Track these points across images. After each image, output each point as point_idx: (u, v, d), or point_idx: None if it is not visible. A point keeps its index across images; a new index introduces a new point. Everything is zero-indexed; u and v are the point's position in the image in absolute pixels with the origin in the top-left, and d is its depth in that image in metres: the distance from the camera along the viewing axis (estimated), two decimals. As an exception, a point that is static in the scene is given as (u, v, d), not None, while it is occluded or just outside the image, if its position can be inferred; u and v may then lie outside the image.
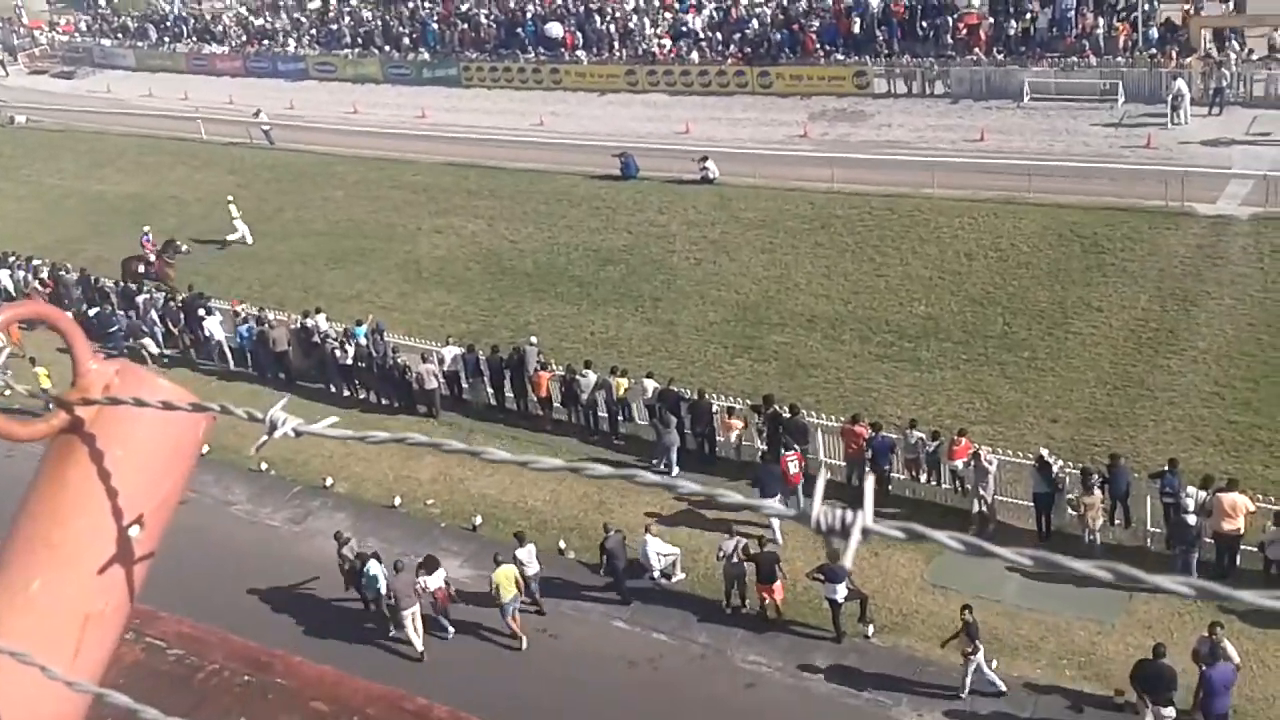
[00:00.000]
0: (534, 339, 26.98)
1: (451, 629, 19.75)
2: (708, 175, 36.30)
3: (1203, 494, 18.06)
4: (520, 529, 20.74)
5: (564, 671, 18.70)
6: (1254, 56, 35.47)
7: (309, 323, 29.46)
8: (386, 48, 55.76)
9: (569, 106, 46.95)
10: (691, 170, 36.60)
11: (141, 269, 33.74)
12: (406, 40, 55.46)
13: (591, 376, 24.82)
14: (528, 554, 19.69)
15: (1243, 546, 18.23)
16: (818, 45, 43.42)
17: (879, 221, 31.85)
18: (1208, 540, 18.24)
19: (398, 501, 23.80)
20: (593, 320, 29.98)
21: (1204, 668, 15.14)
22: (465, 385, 27.15)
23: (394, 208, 39.57)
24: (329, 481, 24.73)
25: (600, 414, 25.07)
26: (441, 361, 26.95)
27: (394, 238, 37.25)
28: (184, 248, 34.50)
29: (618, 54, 48.78)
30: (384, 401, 27.66)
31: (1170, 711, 15.20)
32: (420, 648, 19.20)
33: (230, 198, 38.46)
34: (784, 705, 17.54)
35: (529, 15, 52.85)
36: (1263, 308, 24.89)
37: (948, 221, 30.96)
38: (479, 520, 22.63)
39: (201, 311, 30.63)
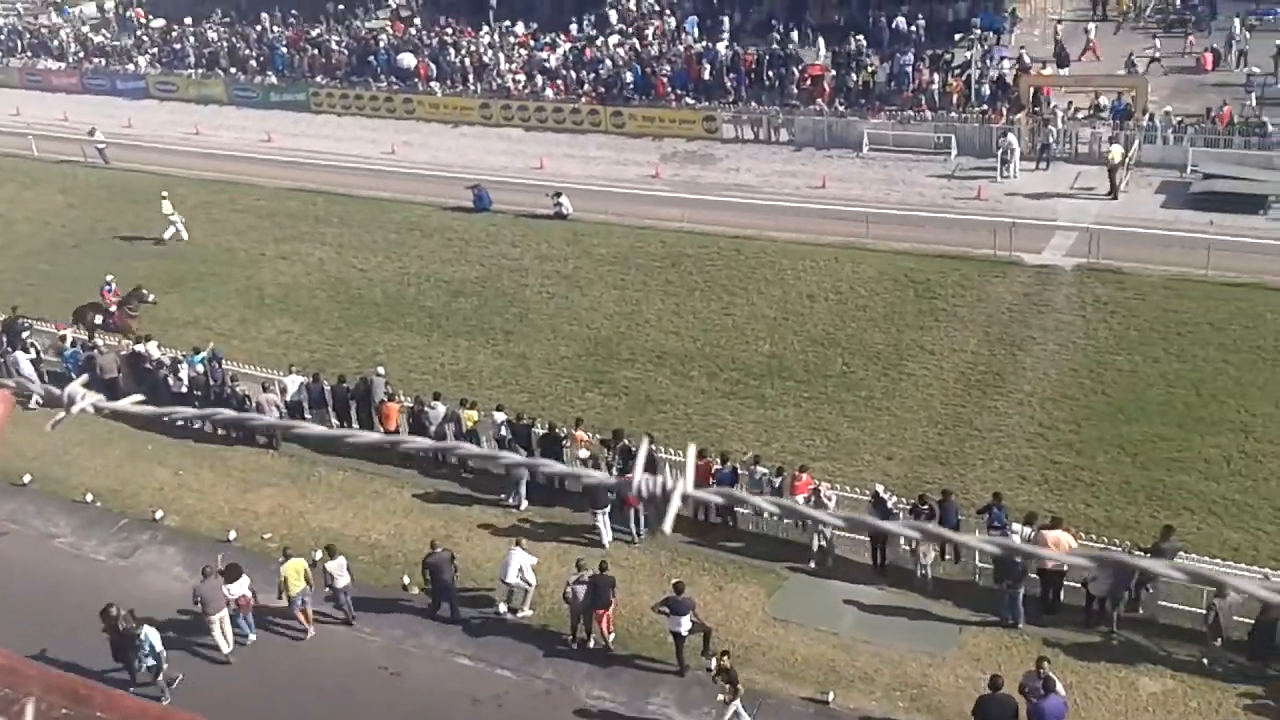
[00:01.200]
0: (381, 369, 26.57)
1: (252, 635, 20.01)
2: (561, 210, 36.52)
3: (1027, 530, 18.96)
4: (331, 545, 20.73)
5: (408, 708, 18.36)
6: (1079, 115, 37.74)
7: (140, 349, 28.34)
8: (233, 69, 54.36)
9: (421, 137, 46.57)
10: (545, 205, 36.76)
11: (98, 320, 30.37)
12: (254, 63, 54.19)
13: (440, 408, 24.57)
14: (338, 566, 20.06)
15: (1065, 582, 19.19)
16: (669, 89, 44.28)
17: (727, 262, 32.59)
18: (1033, 576, 19.12)
19: (233, 535, 22.99)
20: (443, 352, 29.71)
21: (1035, 701, 15.82)
22: (308, 416, 26.48)
23: (236, 232, 38.48)
24: (159, 514, 23.75)
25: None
26: (284, 391, 26.26)
27: (235, 263, 36.21)
28: (150, 297, 31.32)
29: (472, 87, 48.71)
30: (220, 432, 26.73)
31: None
32: (227, 649, 19.49)
33: (164, 193, 38.07)
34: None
35: (381, 44, 52.34)
36: (1084, 354, 26.39)
37: (791, 264, 31.89)
38: (319, 555, 22.03)
39: (19, 352, 28.76)
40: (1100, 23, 45.13)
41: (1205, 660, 17.73)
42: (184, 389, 26.86)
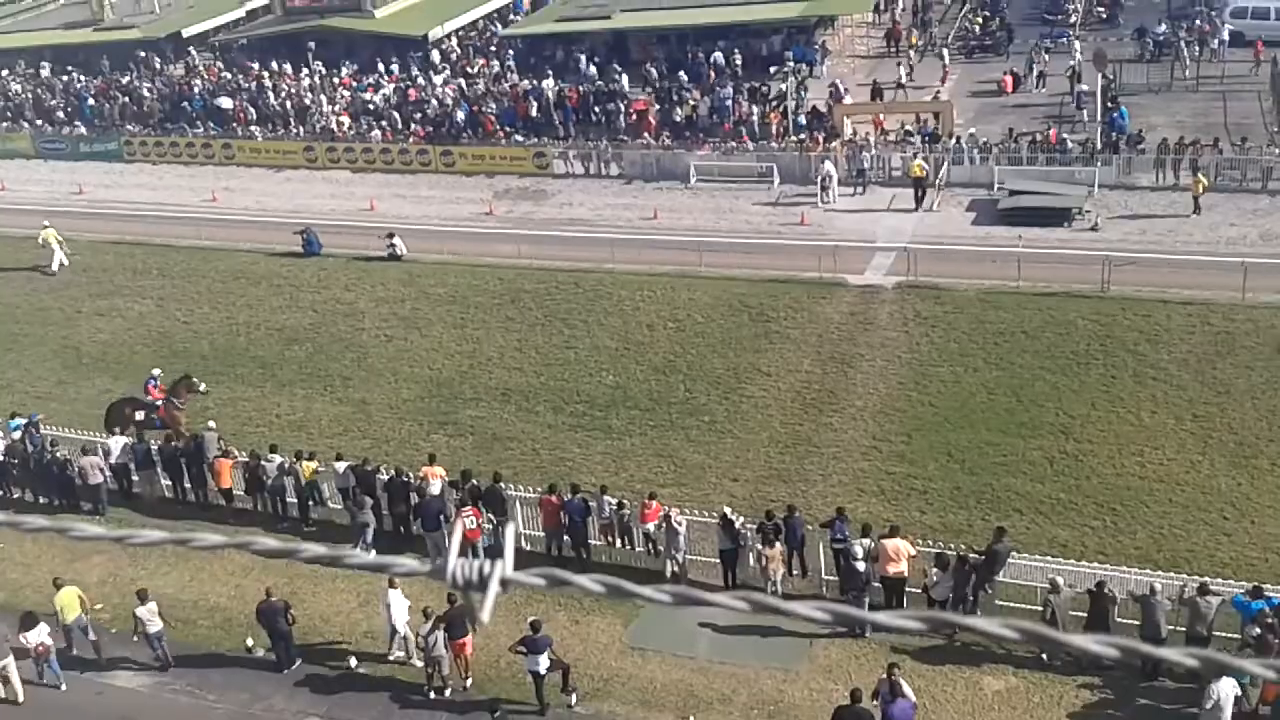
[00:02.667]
0: (212, 424, 25.67)
1: (62, 685, 19.88)
2: (395, 251, 36.07)
3: (868, 541, 19.60)
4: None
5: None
6: (891, 139, 39.47)
7: (-49, 418, 26.66)
8: (39, 121, 51.89)
9: (243, 182, 45.32)
10: (378, 247, 36.25)
11: (140, 415, 26.64)
12: (61, 114, 51.87)
13: (277, 460, 23.88)
14: (148, 611, 19.95)
15: (907, 589, 19.88)
16: (497, 127, 44.37)
17: (566, 295, 32.75)
18: (876, 585, 19.76)
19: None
20: (278, 402, 28.90)
21: (884, 706, 16.31)
22: (136, 477, 25.37)
23: (49, 290, 36.65)
24: (-21, 592, 22.31)
25: (289, 499, 24.11)
26: (107, 453, 25.10)
27: (49, 322, 34.47)
28: (201, 386, 27.40)
29: (294, 130, 47.73)
30: (42, 500, 25.35)
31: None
32: (19, 695, 19.60)
33: (45, 223, 37.22)
34: None
35: (196, 90, 50.84)
36: (910, 367, 27.50)
37: (629, 295, 32.28)
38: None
39: None
40: (892, 58, 47.32)
41: (1044, 656, 18.60)
42: (0, 457, 25.38)
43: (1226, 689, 16.27)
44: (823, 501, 22.63)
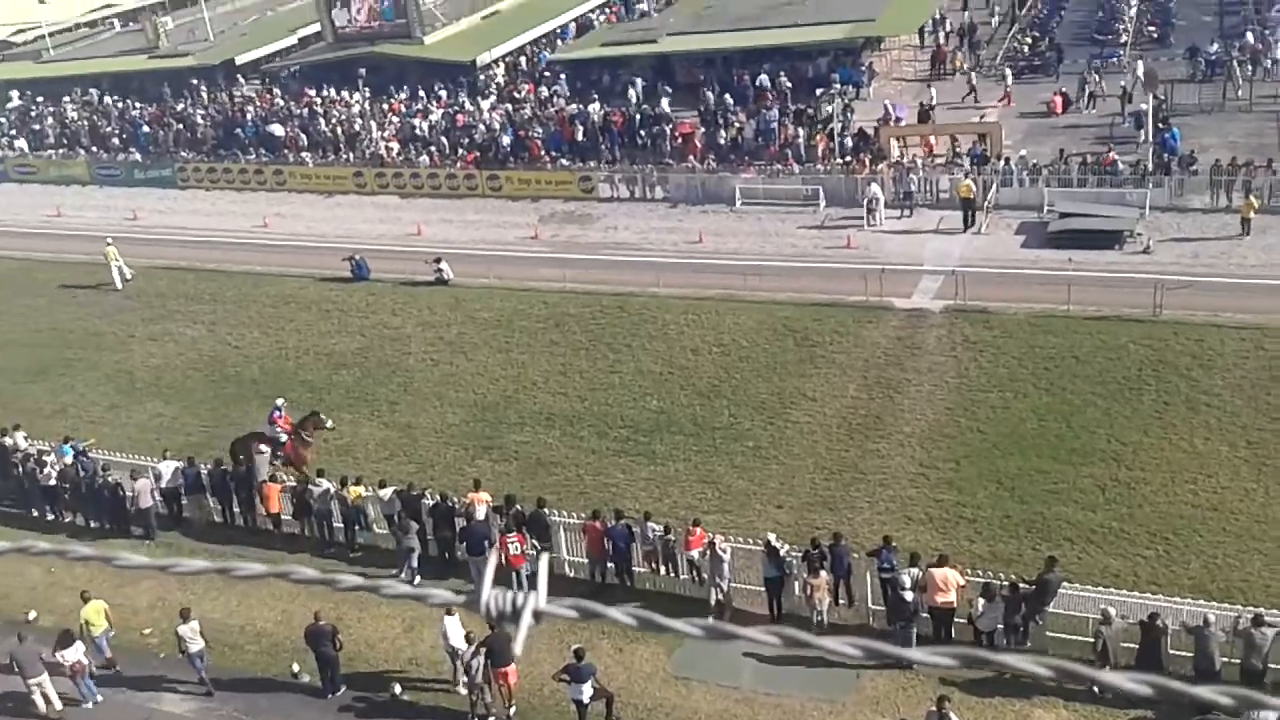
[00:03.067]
0: (264, 448, 25.90)
1: (98, 697, 20.36)
2: (442, 276, 36.35)
3: (916, 571, 19.34)
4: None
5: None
6: (938, 162, 39.19)
7: (7, 441, 27.16)
8: (94, 148, 52.98)
9: (294, 208, 45.97)
10: (425, 272, 36.56)
11: (265, 449, 25.48)
12: (116, 140, 52.93)
13: (324, 484, 24.05)
14: (190, 630, 20.16)
15: (956, 619, 19.59)
16: (543, 151, 44.65)
17: (610, 319, 32.79)
18: (925, 615, 19.49)
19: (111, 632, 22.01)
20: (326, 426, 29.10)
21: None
22: (184, 502, 25.66)
23: (103, 314, 37.32)
24: (32, 615, 22.61)
25: (336, 524, 24.28)
26: (158, 477, 25.42)
27: (103, 347, 35.06)
28: (329, 422, 26.43)
29: (344, 156, 48.36)
30: (93, 524, 25.72)
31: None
32: (43, 709, 20.07)
33: (109, 240, 38.48)
34: None
35: (248, 116, 51.67)
36: (958, 393, 27.19)
37: (674, 319, 32.26)
38: (202, 645, 21.25)
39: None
40: (938, 81, 46.96)
41: (1095, 689, 18.22)
42: (52, 481, 25.78)
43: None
44: (869, 529, 22.38)
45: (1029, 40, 50.17)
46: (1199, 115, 41.35)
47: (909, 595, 19.04)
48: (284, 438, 25.98)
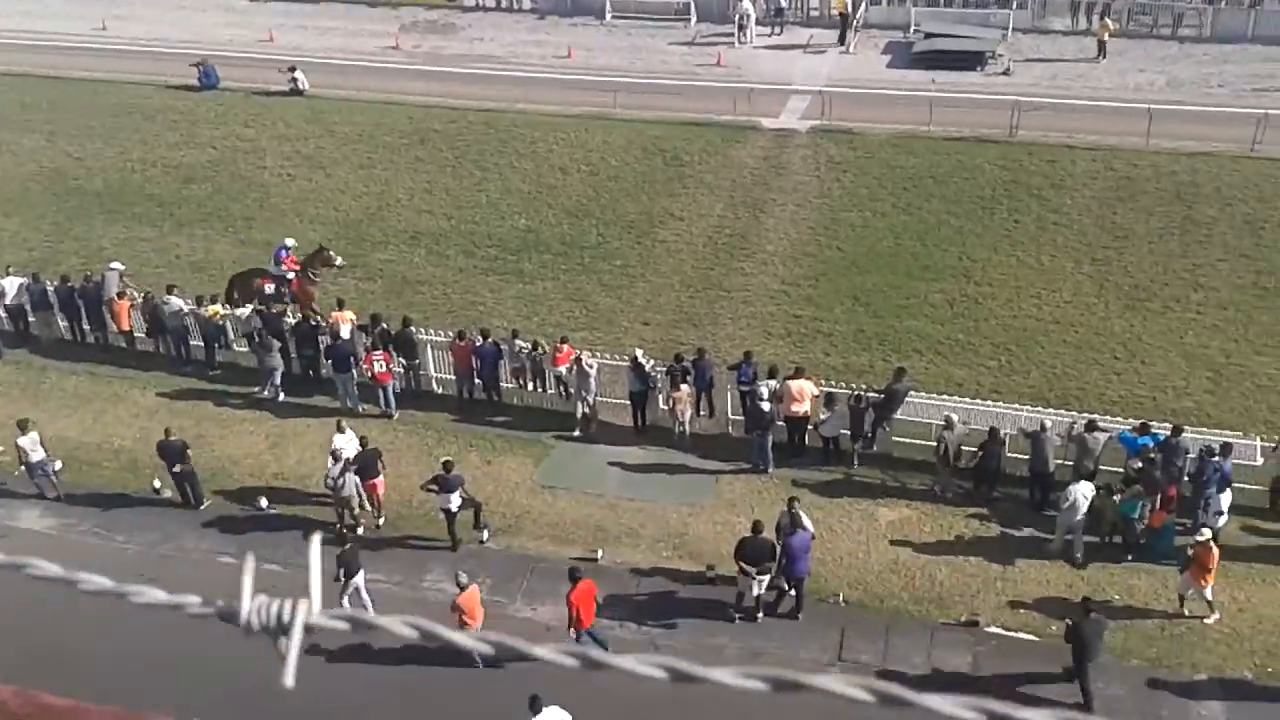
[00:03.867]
0: (116, 264, 24.89)
1: None
2: (297, 86, 34.81)
3: (773, 383, 20.03)
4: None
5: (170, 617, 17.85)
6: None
7: None
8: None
9: (134, 9, 43.03)
10: (279, 81, 34.92)
11: (270, 288, 24.09)
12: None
13: (175, 302, 23.35)
14: (30, 441, 19.71)
15: (810, 427, 20.45)
16: (404, -46, 42.49)
17: (477, 136, 32.05)
18: (781, 423, 20.29)
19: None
20: (178, 243, 28.14)
21: (785, 537, 16.95)
22: (32, 319, 24.69)
23: (-72, 123, 34.79)
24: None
25: (194, 342, 23.73)
26: (2, 294, 24.32)
27: (-69, 158, 32.82)
28: (338, 260, 24.81)
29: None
30: (-65, 343, 24.62)
31: (766, 578, 16.96)
32: None
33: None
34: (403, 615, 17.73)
35: (79, -94, 47.52)
36: (820, 213, 27.67)
37: (542, 136, 31.71)
38: (58, 465, 20.85)
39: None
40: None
41: (936, 489, 19.43)
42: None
43: (1084, 490, 17.50)
44: (731, 344, 22.97)
45: None
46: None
47: (766, 406, 19.74)
48: (290, 276, 24.48)
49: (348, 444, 19.36)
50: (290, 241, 25.39)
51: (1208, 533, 16.44)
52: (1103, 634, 15.55)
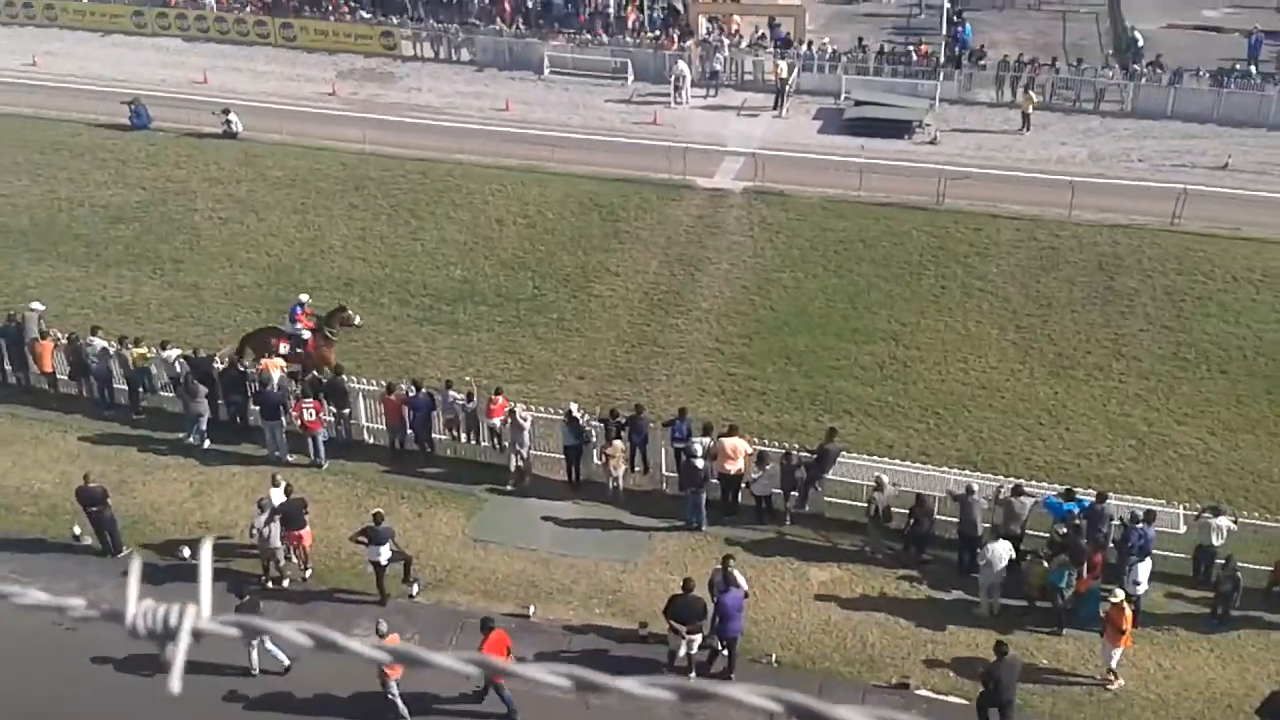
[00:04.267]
0: (37, 304, 24.29)
1: None
2: (231, 129, 34.48)
3: (707, 440, 20.15)
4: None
5: (88, 668, 17.30)
6: (743, 44, 39.49)
7: None
8: None
9: (66, 46, 42.38)
10: (212, 123, 34.57)
11: (284, 349, 22.91)
12: None
13: (98, 343, 22.83)
14: None
15: (742, 485, 20.57)
16: (342, 1, 42.50)
17: (413, 185, 32.00)
18: (714, 481, 20.38)
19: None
20: (104, 284, 27.58)
21: (717, 595, 16.97)
22: (-51, 358, 23.96)
23: None
24: None
25: (118, 386, 23.19)
26: (-82, 333, 23.59)
27: None
28: (357, 319, 24.01)
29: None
30: None
31: (698, 637, 16.93)
32: None
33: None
34: (325, 673, 17.36)
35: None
36: (754, 272, 28.04)
37: (479, 188, 31.76)
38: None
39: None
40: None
41: (868, 549, 19.63)
42: None
43: (1001, 550, 17.90)
44: (666, 401, 23.06)
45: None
46: (991, 11, 43.10)
47: (700, 463, 19.84)
48: (306, 335, 23.42)
49: (280, 498, 19.04)
50: (304, 298, 24.26)
51: (1120, 594, 16.82)
52: (1016, 675, 16.01)
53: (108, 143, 34.50)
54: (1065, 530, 18.25)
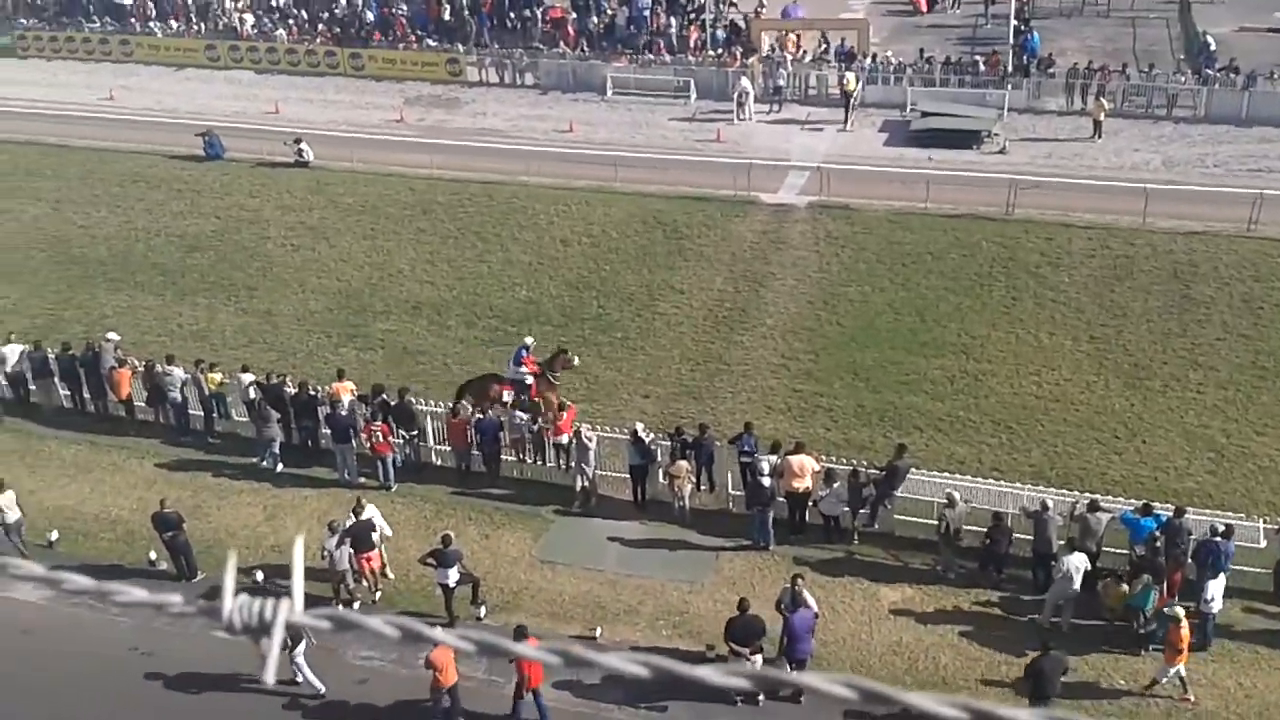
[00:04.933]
0: (112, 334, 24.96)
1: None
2: (302, 157, 35.16)
3: (774, 457, 19.97)
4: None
5: (163, 690, 17.64)
6: (807, 58, 39.34)
7: None
8: (-84, 7, 49.10)
9: (142, 80, 43.62)
10: (284, 152, 35.28)
11: (508, 396, 22.40)
12: (-58, 0, 49.14)
13: (177, 372, 23.36)
14: (6, 501, 19.98)
15: (810, 504, 20.34)
16: (408, 30, 43.19)
17: (479, 208, 32.32)
18: (781, 500, 20.19)
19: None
20: (180, 312, 28.22)
21: (787, 615, 16.78)
22: (33, 387, 24.66)
23: (-66, 190, 35.04)
24: None
25: (193, 411, 23.69)
26: (2, 361, 24.33)
27: (-64, 224, 33.01)
28: (576, 360, 23.55)
29: (195, 27, 45.90)
30: (-67, 409, 24.55)
31: (759, 657, 16.76)
32: None
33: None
34: (400, 696, 17.52)
35: (92, -20, 48.47)
36: (819, 287, 27.82)
37: (544, 209, 31.98)
38: (55, 535, 20.73)
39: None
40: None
41: (940, 568, 19.28)
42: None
43: (1077, 561, 17.50)
44: (731, 418, 22.91)
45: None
46: (1058, 19, 42.41)
47: (766, 481, 19.67)
48: (529, 379, 22.77)
49: (374, 515, 19.30)
50: (529, 340, 23.67)
51: (1180, 611, 16.34)
52: (1061, 672, 15.89)
53: (183, 174, 35.37)
54: (1144, 551, 17.74)
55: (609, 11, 42.55)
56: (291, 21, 44.74)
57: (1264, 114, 34.14)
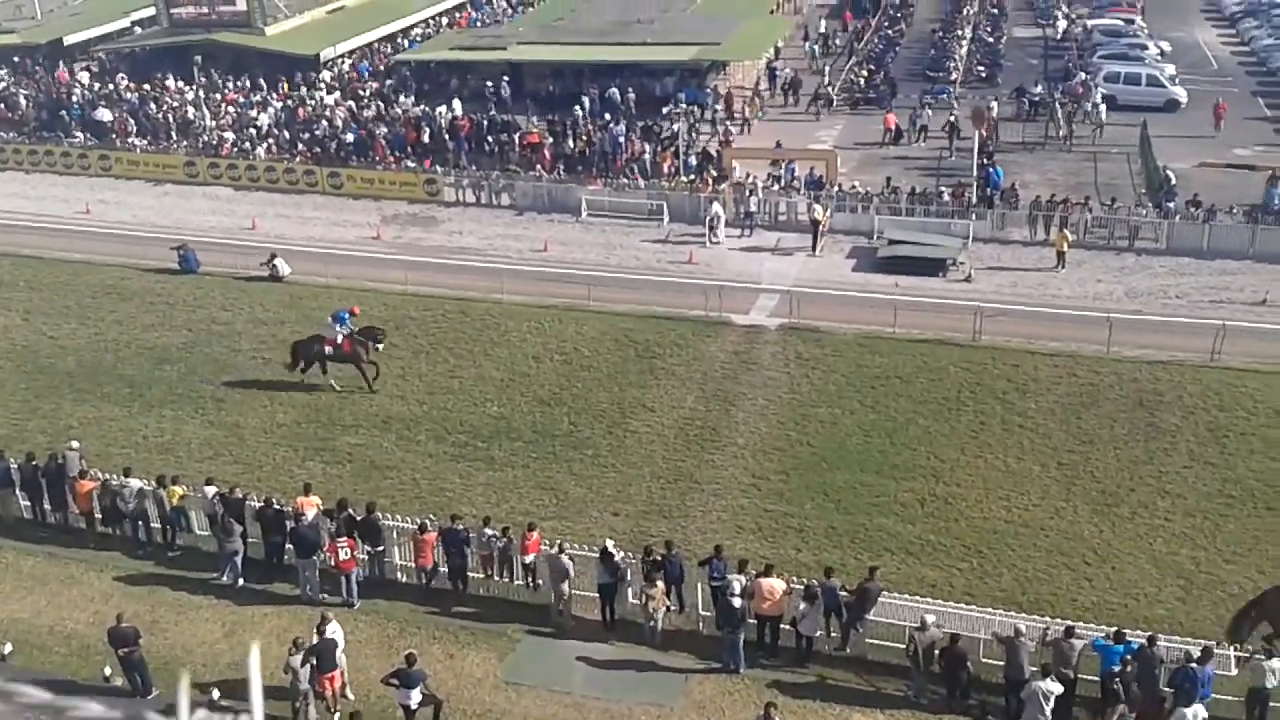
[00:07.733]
0: (75, 443, 24.66)
1: None
2: (277, 273, 35.33)
3: (744, 578, 19.76)
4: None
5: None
6: (777, 186, 40.24)
7: None
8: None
9: (120, 195, 43.98)
10: (259, 267, 35.44)
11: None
12: (-76, 114, 49.72)
13: (134, 483, 22.98)
14: None
15: (782, 626, 20.09)
16: (387, 151, 43.97)
17: (452, 324, 32.48)
18: (752, 621, 19.92)
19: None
20: (146, 423, 27.94)
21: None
22: (-7, 496, 24.20)
23: (-97, 298, 34.88)
24: None
25: (154, 525, 23.25)
26: (-39, 470, 23.90)
27: (-97, 331, 32.75)
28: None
29: (175, 144, 46.54)
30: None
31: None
32: None
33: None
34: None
35: (75, 99, 49.24)
36: (790, 407, 27.96)
37: (517, 326, 32.18)
38: (9, 648, 20.09)
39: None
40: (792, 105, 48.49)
41: (911, 694, 18.98)
42: None
43: (1047, 687, 17.33)
44: (702, 538, 22.78)
45: (865, 74, 52.12)
46: (1022, 152, 43.78)
47: (737, 602, 19.44)
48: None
49: (336, 633, 18.88)
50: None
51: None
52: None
53: (156, 287, 35.44)
54: (1119, 680, 17.57)
55: (585, 137, 43.56)
56: (271, 141, 45.44)
57: (1224, 247, 35.09)
